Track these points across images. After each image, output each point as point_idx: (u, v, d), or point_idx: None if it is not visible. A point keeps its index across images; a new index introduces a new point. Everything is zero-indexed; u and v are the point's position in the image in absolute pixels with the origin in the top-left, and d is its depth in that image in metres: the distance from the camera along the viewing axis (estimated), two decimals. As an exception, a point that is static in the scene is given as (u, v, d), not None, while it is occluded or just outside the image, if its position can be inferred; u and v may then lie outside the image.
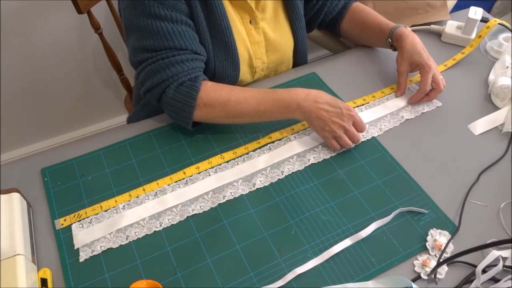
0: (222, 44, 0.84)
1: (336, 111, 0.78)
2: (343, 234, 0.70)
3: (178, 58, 0.77)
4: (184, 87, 0.78)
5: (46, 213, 0.73)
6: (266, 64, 0.94)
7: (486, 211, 0.73)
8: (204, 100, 0.78)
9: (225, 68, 0.86)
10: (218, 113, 0.79)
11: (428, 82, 0.86)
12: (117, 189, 0.76)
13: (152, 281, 0.64)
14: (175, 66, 0.77)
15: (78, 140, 1.77)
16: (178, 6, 0.77)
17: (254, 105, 0.79)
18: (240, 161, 0.81)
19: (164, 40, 0.77)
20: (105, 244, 0.69)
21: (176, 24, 0.77)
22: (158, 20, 0.76)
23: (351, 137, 0.80)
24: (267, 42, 0.92)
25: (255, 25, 0.89)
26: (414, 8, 1.14)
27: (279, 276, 0.66)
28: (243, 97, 0.79)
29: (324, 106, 0.78)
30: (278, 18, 0.92)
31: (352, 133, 0.79)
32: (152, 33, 0.77)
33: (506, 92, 0.90)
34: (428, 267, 0.66)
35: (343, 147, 0.81)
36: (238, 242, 0.69)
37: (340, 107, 0.78)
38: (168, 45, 0.77)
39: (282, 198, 0.75)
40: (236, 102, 0.78)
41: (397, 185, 0.77)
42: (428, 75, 0.86)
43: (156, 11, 0.75)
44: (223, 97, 0.79)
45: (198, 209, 0.74)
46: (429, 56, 0.88)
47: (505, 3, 1.87)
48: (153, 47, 0.78)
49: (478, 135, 0.85)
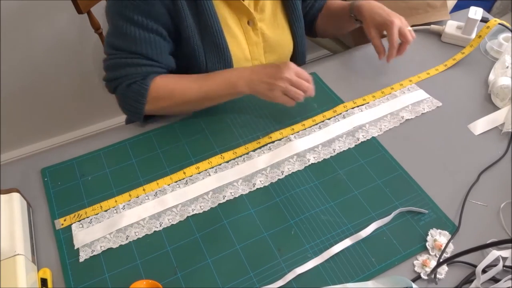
0: (214, 46, 0.84)
1: (275, 68, 0.79)
2: (343, 234, 0.70)
3: (135, 61, 0.80)
4: (135, 85, 0.81)
5: (46, 213, 0.73)
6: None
7: (486, 211, 0.73)
8: (153, 94, 0.81)
9: (217, 70, 0.86)
10: (167, 103, 0.82)
11: (394, 37, 0.87)
12: (117, 189, 0.76)
13: (152, 281, 0.64)
14: (131, 68, 0.80)
15: (78, 140, 1.76)
16: (153, 12, 0.78)
17: (197, 88, 0.81)
18: (240, 161, 0.81)
19: (131, 44, 0.79)
20: (105, 244, 0.69)
21: (145, 31, 0.78)
22: (129, 24, 0.78)
23: (298, 86, 0.78)
24: (265, 43, 0.92)
25: (253, 26, 0.88)
26: (414, 8, 1.14)
27: (279, 276, 0.66)
28: (187, 83, 0.82)
29: (263, 69, 0.80)
30: (277, 18, 0.92)
31: (298, 82, 0.78)
32: (121, 34, 0.79)
33: (506, 92, 0.90)
34: (428, 267, 0.66)
35: (295, 99, 0.79)
36: (238, 242, 0.69)
37: (277, 64, 0.80)
38: (132, 49, 0.79)
39: (282, 198, 0.75)
40: (181, 90, 0.81)
41: (397, 185, 0.77)
42: (392, 30, 0.87)
43: (130, 15, 0.77)
44: (170, 87, 0.81)
45: (198, 209, 0.74)
46: (390, 13, 0.89)
47: (505, 3, 1.87)
48: (118, 46, 0.80)
49: (478, 135, 0.85)
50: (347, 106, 0.90)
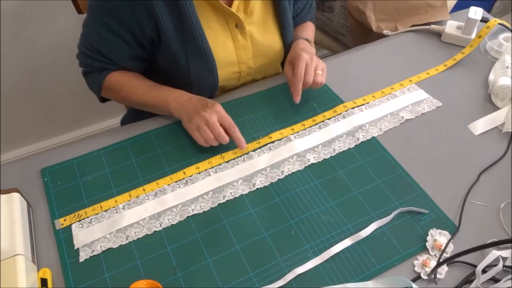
0: (196, 50, 0.83)
1: (201, 103, 0.80)
2: (343, 234, 0.70)
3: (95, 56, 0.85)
4: (93, 75, 0.88)
5: (46, 213, 0.73)
6: (253, 69, 0.92)
7: (486, 211, 0.73)
8: (105, 85, 0.88)
9: (201, 75, 0.86)
10: (116, 97, 0.89)
11: (298, 70, 0.83)
12: (117, 189, 0.76)
13: (152, 281, 0.64)
14: (92, 60, 0.86)
15: (78, 140, 1.76)
16: (122, 18, 0.79)
17: (140, 95, 0.86)
18: (240, 161, 0.81)
19: (95, 41, 0.83)
20: (105, 244, 0.69)
21: (111, 33, 0.81)
22: (98, 23, 0.81)
23: (212, 129, 0.77)
24: (254, 47, 0.90)
25: (242, 29, 0.87)
26: (414, 8, 1.14)
27: (279, 276, 0.66)
28: (134, 88, 0.86)
29: (197, 101, 0.81)
30: (267, 22, 0.90)
31: (214, 125, 0.77)
32: (90, 29, 0.83)
33: (506, 92, 0.90)
34: (428, 267, 0.66)
35: (206, 140, 0.78)
36: (238, 242, 0.69)
37: (206, 100, 0.80)
38: (96, 46, 0.83)
39: (282, 198, 0.75)
40: (128, 91, 0.86)
41: (397, 185, 0.77)
42: (297, 63, 0.84)
43: (100, 14, 0.80)
44: (120, 85, 0.87)
45: (198, 209, 0.74)
46: (304, 48, 0.88)
47: (505, 3, 1.87)
48: (87, 37, 0.85)
49: (478, 135, 0.85)
50: (347, 106, 0.90)
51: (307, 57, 0.85)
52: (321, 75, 0.85)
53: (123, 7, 0.77)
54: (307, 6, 1.00)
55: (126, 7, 0.77)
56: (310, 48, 0.92)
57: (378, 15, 1.26)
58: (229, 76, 0.90)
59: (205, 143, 0.79)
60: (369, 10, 1.27)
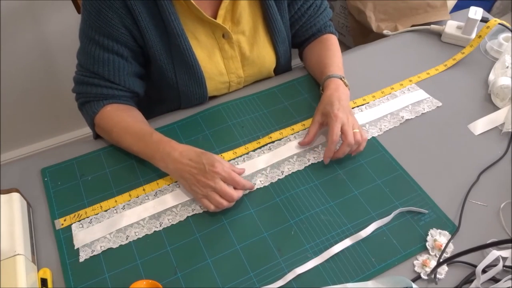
0: (184, 64, 0.82)
1: (199, 168, 0.71)
2: (343, 234, 0.70)
3: (95, 81, 0.80)
4: (88, 105, 0.82)
5: (46, 213, 0.73)
6: (243, 78, 0.91)
7: (486, 211, 0.73)
8: (97, 122, 0.82)
9: (189, 87, 0.85)
10: (107, 137, 0.83)
11: (334, 131, 0.76)
12: (117, 189, 0.76)
13: (152, 281, 0.64)
14: (90, 87, 0.80)
15: (78, 140, 1.76)
16: (114, 33, 0.77)
17: (129, 142, 0.78)
18: (240, 161, 0.81)
19: (92, 64, 0.79)
20: (105, 244, 0.69)
21: (106, 51, 0.78)
22: (92, 43, 0.78)
23: (223, 195, 0.70)
24: (242, 57, 0.88)
25: (228, 39, 0.85)
26: (414, 8, 1.14)
27: (279, 276, 0.66)
28: (124, 132, 0.79)
29: (186, 164, 0.72)
30: (258, 32, 0.88)
31: (222, 191, 0.70)
32: (85, 53, 0.80)
33: (506, 92, 0.90)
34: (428, 267, 0.66)
35: (216, 206, 0.71)
36: (238, 242, 0.69)
37: (203, 163, 0.71)
38: (93, 69, 0.79)
39: (282, 198, 0.75)
40: (118, 134, 0.79)
41: (397, 185, 0.77)
42: (333, 124, 0.77)
43: (92, 35, 0.77)
44: (110, 126, 0.80)
45: (198, 209, 0.74)
46: (341, 107, 0.79)
47: (505, 3, 1.87)
48: (82, 63, 0.81)
49: (478, 135, 0.85)
50: (347, 106, 0.90)
51: (344, 118, 0.78)
52: (358, 133, 0.78)
53: (113, 21, 0.75)
54: (313, 6, 0.92)
55: (117, 20, 0.76)
56: (346, 102, 0.82)
57: (378, 15, 1.26)
58: (219, 87, 0.90)
59: (216, 208, 0.71)
60: (369, 10, 1.28)
